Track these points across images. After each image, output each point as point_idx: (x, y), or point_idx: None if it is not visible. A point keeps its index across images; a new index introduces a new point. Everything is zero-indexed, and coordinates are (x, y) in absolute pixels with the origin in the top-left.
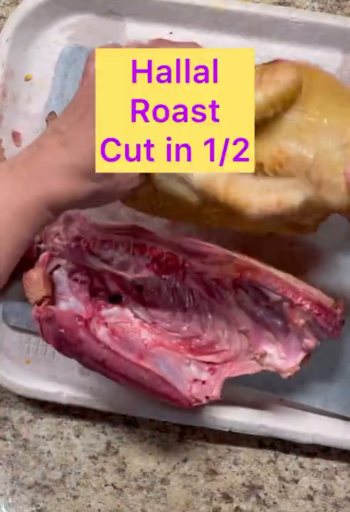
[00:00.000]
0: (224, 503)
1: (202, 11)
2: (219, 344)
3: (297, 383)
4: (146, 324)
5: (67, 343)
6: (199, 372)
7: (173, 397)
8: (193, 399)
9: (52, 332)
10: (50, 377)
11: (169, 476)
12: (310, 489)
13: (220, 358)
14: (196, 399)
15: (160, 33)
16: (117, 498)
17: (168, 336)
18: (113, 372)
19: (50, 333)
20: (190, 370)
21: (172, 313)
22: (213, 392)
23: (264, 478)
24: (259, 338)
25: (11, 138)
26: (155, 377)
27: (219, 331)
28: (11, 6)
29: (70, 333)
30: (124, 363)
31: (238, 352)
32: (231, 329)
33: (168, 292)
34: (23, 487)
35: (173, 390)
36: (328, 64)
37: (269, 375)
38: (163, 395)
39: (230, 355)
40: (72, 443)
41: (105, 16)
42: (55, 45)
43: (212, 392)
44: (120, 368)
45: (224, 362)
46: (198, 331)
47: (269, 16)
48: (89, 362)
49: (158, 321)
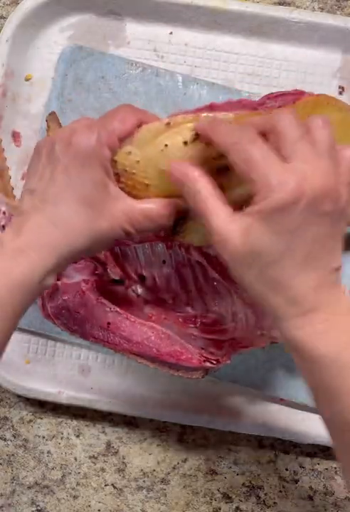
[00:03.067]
0: (224, 503)
1: (202, 11)
2: (225, 322)
3: (296, 383)
4: (150, 302)
5: (70, 312)
6: (207, 347)
7: (183, 357)
8: (204, 358)
9: (54, 304)
10: (50, 377)
11: (169, 476)
12: (310, 489)
13: (227, 336)
14: (207, 358)
15: (160, 33)
16: (116, 498)
17: (173, 314)
18: (117, 335)
19: (51, 309)
20: (197, 344)
21: (175, 295)
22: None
23: (265, 478)
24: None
25: (11, 138)
26: (163, 336)
27: (224, 310)
28: (11, 6)
29: (73, 299)
30: (129, 324)
31: (245, 329)
32: (236, 307)
33: (171, 277)
34: (23, 487)
35: (182, 348)
36: (328, 64)
37: (269, 375)
38: (172, 356)
39: (237, 333)
40: (72, 443)
41: (105, 16)
42: (55, 45)
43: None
44: (125, 329)
45: (231, 339)
46: (202, 311)
47: (269, 15)
48: (92, 329)
49: (162, 301)
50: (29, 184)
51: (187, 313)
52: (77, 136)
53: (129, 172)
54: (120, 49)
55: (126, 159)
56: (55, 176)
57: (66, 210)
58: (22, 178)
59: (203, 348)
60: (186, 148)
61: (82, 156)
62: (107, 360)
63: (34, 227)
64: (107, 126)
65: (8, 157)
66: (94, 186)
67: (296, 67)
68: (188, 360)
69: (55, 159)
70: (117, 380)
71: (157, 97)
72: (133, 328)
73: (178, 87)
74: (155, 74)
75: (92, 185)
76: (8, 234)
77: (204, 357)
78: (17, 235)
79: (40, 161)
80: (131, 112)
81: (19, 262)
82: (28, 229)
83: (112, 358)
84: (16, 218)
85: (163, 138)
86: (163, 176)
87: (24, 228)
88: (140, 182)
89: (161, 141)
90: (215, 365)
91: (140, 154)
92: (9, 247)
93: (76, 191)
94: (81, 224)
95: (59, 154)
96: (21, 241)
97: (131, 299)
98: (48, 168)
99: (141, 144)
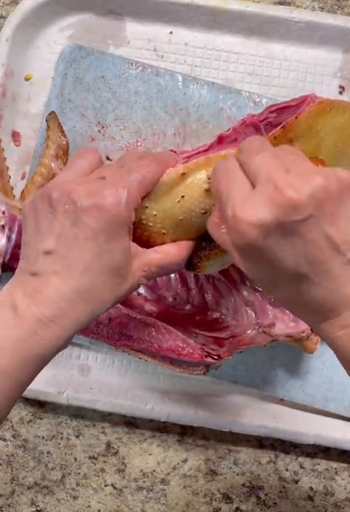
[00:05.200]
0: (224, 503)
1: (202, 10)
2: (225, 320)
3: (296, 383)
4: (150, 300)
5: None
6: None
7: (184, 352)
8: (205, 352)
9: None
10: (50, 377)
11: (169, 476)
12: (310, 490)
13: (228, 334)
14: (208, 352)
15: (160, 33)
16: (116, 499)
17: (174, 311)
18: (118, 331)
19: None
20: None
21: (176, 294)
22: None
23: (265, 479)
24: (265, 310)
25: (11, 138)
26: (164, 332)
27: (224, 308)
28: (10, 5)
29: None
30: (130, 320)
31: (245, 326)
32: (236, 305)
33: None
34: (23, 487)
35: (184, 343)
36: (328, 64)
37: (269, 375)
38: (173, 351)
39: (237, 330)
40: (72, 443)
41: (105, 16)
42: (54, 44)
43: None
44: (126, 325)
45: (232, 337)
46: (202, 309)
47: (269, 15)
48: (92, 325)
49: (162, 299)
50: (44, 243)
51: (188, 311)
52: (107, 201)
53: (145, 224)
54: (120, 49)
55: (143, 213)
56: (80, 241)
57: (93, 280)
58: (22, 177)
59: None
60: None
61: (112, 223)
62: (107, 360)
63: (55, 296)
64: (134, 187)
65: (7, 157)
66: (122, 254)
67: (296, 67)
68: (189, 355)
69: (79, 221)
70: (116, 380)
71: (157, 96)
72: (134, 323)
73: (178, 86)
74: (155, 74)
75: (121, 254)
76: (21, 294)
77: (206, 351)
78: (34, 301)
79: (55, 217)
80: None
81: (39, 335)
82: (47, 296)
83: (112, 358)
84: (29, 279)
85: (180, 189)
86: (180, 225)
87: (43, 295)
88: (157, 232)
89: (177, 193)
90: (217, 360)
91: (157, 208)
92: (27, 316)
93: (104, 260)
94: (107, 293)
95: (85, 218)
96: (40, 311)
97: (132, 297)
98: (70, 229)
99: (157, 197)
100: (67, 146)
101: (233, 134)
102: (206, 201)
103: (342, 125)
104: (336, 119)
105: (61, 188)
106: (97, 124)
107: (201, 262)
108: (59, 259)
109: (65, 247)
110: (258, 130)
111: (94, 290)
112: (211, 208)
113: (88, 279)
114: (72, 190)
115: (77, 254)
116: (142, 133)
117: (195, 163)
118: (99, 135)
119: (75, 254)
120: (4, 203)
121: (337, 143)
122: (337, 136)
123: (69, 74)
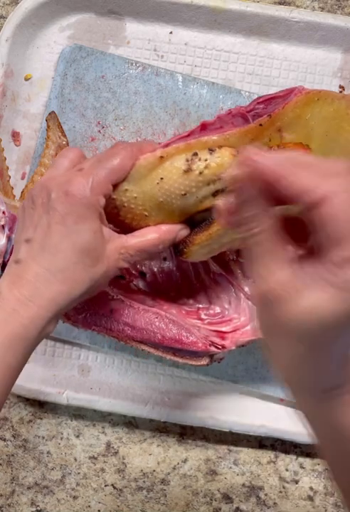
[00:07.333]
0: (224, 503)
1: (202, 10)
2: (227, 314)
3: None
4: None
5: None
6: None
7: (188, 341)
8: (209, 342)
9: None
10: (49, 377)
11: (169, 476)
12: (310, 490)
13: (230, 327)
14: (212, 342)
15: (160, 33)
16: (116, 499)
17: (176, 305)
18: (120, 322)
19: None
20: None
21: (177, 289)
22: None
23: (265, 479)
24: None
25: (11, 137)
26: (167, 321)
27: (226, 302)
28: (10, 5)
29: None
30: (132, 310)
31: (247, 320)
32: (238, 298)
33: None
34: (23, 487)
35: (187, 331)
36: (328, 63)
37: (269, 375)
38: (176, 341)
39: (239, 324)
40: (72, 443)
41: (105, 16)
42: (54, 44)
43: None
44: (128, 316)
45: (234, 330)
46: (205, 303)
47: (269, 15)
48: (94, 317)
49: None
50: (25, 233)
51: (190, 305)
52: (73, 187)
53: (127, 207)
54: (120, 48)
55: (124, 196)
56: (52, 226)
57: (64, 261)
58: (22, 177)
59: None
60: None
61: (78, 206)
62: (107, 360)
63: (33, 278)
64: (101, 173)
65: (7, 157)
66: (91, 235)
67: (296, 67)
68: (193, 344)
69: (51, 209)
70: (116, 380)
71: (157, 96)
72: (136, 314)
73: (178, 86)
74: (155, 73)
75: (89, 235)
76: (6, 283)
77: (209, 341)
78: (15, 285)
79: (35, 210)
80: (125, 154)
81: (19, 314)
82: (26, 279)
83: (112, 358)
84: (13, 267)
85: (158, 171)
86: (161, 207)
87: (23, 278)
88: (139, 214)
89: (156, 175)
90: (221, 350)
91: (137, 190)
92: (8, 298)
93: (73, 241)
94: (79, 273)
95: (55, 204)
96: (20, 292)
97: (134, 291)
98: (45, 217)
99: (136, 180)
100: (67, 146)
101: (218, 122)
102: (186, 183)
103: (331, 115)
104: (324, 109)
105: (41, 185)
106: (97, 124)
107: (187, 248)
108: (36, 245)
109: (40, 234)
110: (246, 120)
111: (67, 271)
112: (191, 189)
113: (61, 260)
114: (47, 185)
115: (49, 238)
116: (142, 133)
117: (175, 148)
118: (99, 135)
119: (48, 238)
120: (4, 203)
121: (328, 132)
122: (327, 126)
123: (69, 74)
